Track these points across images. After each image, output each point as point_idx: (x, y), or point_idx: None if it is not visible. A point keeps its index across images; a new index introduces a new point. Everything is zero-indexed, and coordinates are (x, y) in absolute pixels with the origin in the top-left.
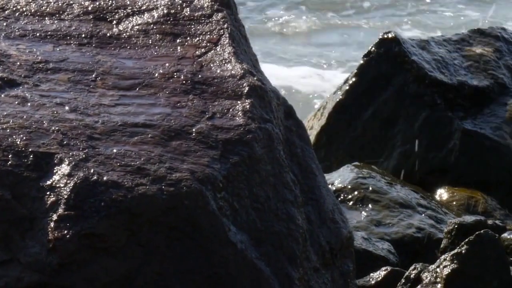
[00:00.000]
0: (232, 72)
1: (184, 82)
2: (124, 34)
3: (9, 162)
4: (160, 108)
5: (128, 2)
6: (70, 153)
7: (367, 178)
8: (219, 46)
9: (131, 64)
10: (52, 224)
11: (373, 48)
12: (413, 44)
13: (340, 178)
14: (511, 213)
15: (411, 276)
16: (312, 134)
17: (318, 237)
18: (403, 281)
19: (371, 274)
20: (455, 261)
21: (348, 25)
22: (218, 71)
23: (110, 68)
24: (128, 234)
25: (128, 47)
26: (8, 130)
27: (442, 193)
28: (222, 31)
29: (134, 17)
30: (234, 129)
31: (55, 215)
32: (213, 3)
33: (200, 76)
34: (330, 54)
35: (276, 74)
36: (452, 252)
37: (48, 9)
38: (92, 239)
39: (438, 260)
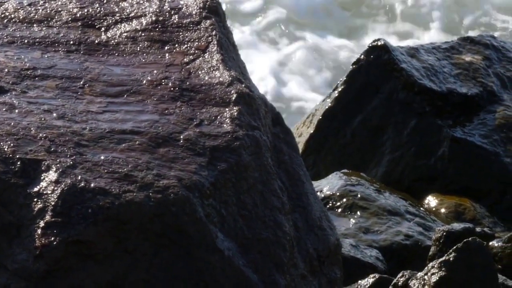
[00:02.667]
0: (220, 79)
1: (172, 89)
2: (112, 41)
3: None
4: (147, 115)
5: (117, 9)
6: (58, 160)
7: (356, 185)
8: (207, 53)
9: (119, 71)
10: (39, 231)
11: (362, 56)
12: (403, 52)
13: (328, 185)
14: (499, 221)
15: (399, 283)
16: (301, 142)
17: (305, 244)
18: None
19: (359, 281)
20: (443, 269)
21: None
22: (206, 78)
23: (98, 75)
24: (115, 241)
25: (116, 54)
26: None
27: (430, 201)
28: (210, 38)
29: (123, 24)
30: (221, 136)
31: (42, 222)
32: (201, 10)
33: (188, 83)
34: None
35: None
36: (440, 260)
37: (36, 16)
38: (79, 246)
39: (426, 268)
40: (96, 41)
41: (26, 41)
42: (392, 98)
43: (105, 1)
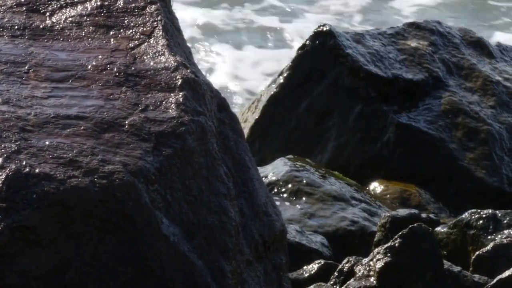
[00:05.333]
0: (166, 64)
1: (117, 74)
2: (57, 26)
3: None
4: (93, 100)
5: None
6: (2, 145)
7: (301, 171)
8: (153, 38)
9: (64, 56)
10: None
11: (308, 41)
12: (348, 37)
13: (274, 171)
14: (444, 207)
15: (344, 269)
16: (246, 127)
17: (251, 230)
18: (336, 274)
19: (305, 267)
20: (388, 254)
21: None
22: (152, 64)
23: (43, 60)
24: (60, 227)
25: (61, 39)
26: None
27: (376, 187)
28: (155, 23)
29: (67, 9)
30: (167, 122)
31: None
32: None
33: (133, 68)
34: None
35: None
36: (386, 245)
37: None
38: (24, 231)
39: (371, 253)
40: (41, 26)
41: None
42: (338, 83)
43: None
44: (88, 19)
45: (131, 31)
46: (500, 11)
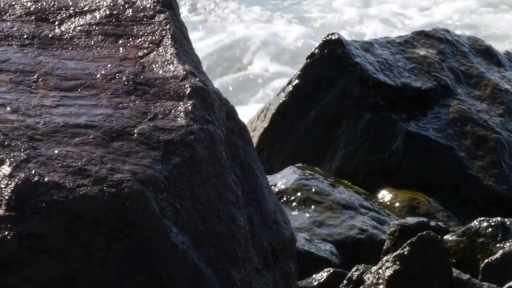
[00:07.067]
0: (174, 73)
1: (126, 83)
2: (66, 35)
3: None
4: (102, 109)
5: (70, 3)
6: (11, 154)
7: (310, 179)
8: (161, 47)
9: (73, 65)
10: None
11: (316, 50)
12: (357, 46)
13: (283, 179)
14: (453, 215)
15: (353, 277)
16: (255, 136)
17: (260, 238)
18: (345, 282)
19: (313, 275)
20: (397, 263)
21: None
22: (160, 72)
23: (52, 69)
24: (68, 235)
25: (70, 48)
26: None
27: (385, 195)
28: (164, 32)
29: (76, 18)
30: (176, 130)
31: None
32: (155, 4)
33: (142, 77)
34: None
35: None
36: (395, 254)
37: None
38: (33, 240)
39: (380, 262)
40: (50, 35)
41: None
42: (346, 92)
43: None
44: (97, 28)
45: (140, 40)
46: None
